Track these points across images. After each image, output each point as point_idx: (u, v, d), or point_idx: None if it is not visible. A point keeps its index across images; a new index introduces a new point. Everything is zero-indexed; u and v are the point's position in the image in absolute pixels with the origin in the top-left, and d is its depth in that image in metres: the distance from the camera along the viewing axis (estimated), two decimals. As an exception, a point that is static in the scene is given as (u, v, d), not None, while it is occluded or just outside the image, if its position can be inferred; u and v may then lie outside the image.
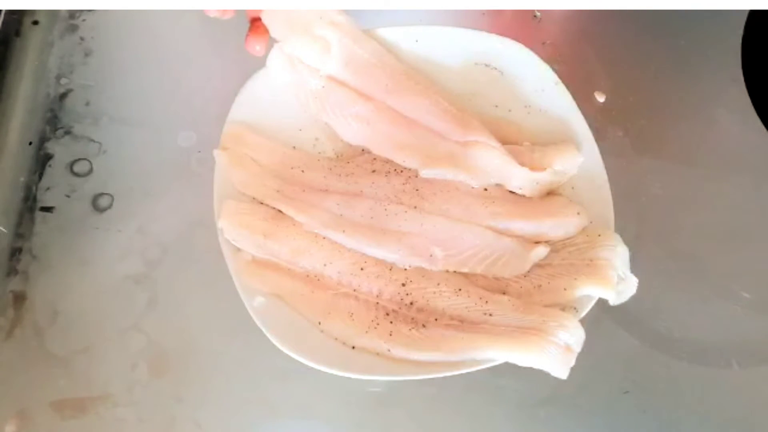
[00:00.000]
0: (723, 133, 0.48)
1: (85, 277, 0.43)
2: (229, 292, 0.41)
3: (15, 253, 0.44)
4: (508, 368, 0.37)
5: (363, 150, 0.45)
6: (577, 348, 0.37)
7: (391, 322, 0.39)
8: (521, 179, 0.42)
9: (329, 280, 0.40)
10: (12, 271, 0.43)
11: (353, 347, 0.38)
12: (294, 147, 0.45)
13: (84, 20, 0.51)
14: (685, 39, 0.52)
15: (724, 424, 0.41)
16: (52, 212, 0.45)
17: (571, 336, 0.37)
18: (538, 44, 0.49)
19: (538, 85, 0.46)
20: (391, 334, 0.38)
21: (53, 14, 0.52)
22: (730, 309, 0.43)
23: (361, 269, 0.40)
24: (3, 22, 0.49)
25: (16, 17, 0.51)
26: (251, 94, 0.45)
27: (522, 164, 0.42)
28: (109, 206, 0.45)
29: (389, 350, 0.38)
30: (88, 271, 0.43)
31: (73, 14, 0.52)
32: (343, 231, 0.41)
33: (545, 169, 0.42)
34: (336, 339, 0.39)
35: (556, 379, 0.36)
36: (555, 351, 0.36)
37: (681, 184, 0.46)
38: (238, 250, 0.40)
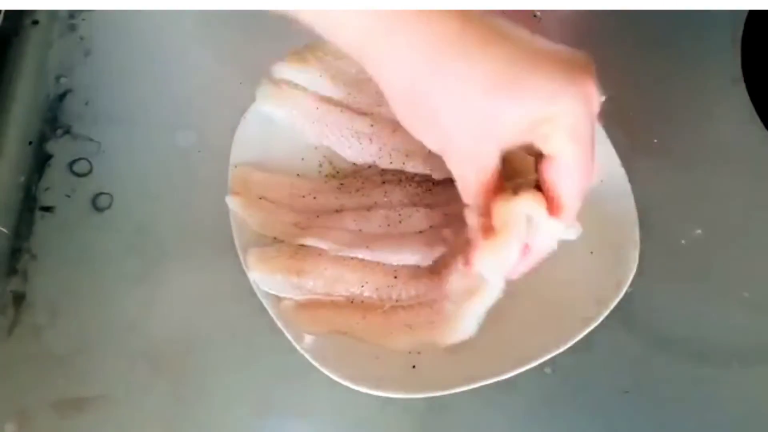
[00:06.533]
0: (723, 133, 0.48)
1: (84, 277, 0.43)
2: (229, 292, 0.41)
3: (15, 253, 0.44)
4: (509, 368, 0.37)
5: (370, 166, 0.44)
6: None
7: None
8: None
9: (372, 300, 0.40)
10: (12, 271, 0.43)
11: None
12: (298, 175, 0.44)
13: (84, 20, 0.51)
14: (685, 39, 0.51)
15: (725, 424, 0.41)
16: (52, 212, 0.45)
17: None
18: (538, 44, 0.49)
19: None
20: None
21: (53, 14, 0.52)
22: (730, 309, 0.43)
23: (395, 278, 0.40)
24: (3, 22, 0.49)
25: (16, 17, 0.51)
26: (247, 133, 0.45)
27: None
28: (109, 206, 0.45)
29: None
30: (88, 271, 0.43)
31: (73, 14, 0.52)
32: (367, 246, 0.41)
33: None
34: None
35: (556, 379, 0.36)
36: None
37: (681, 184, 0.46)
38: (279, 298, 0.40)
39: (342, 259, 0.41)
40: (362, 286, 0.40)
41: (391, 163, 0.43)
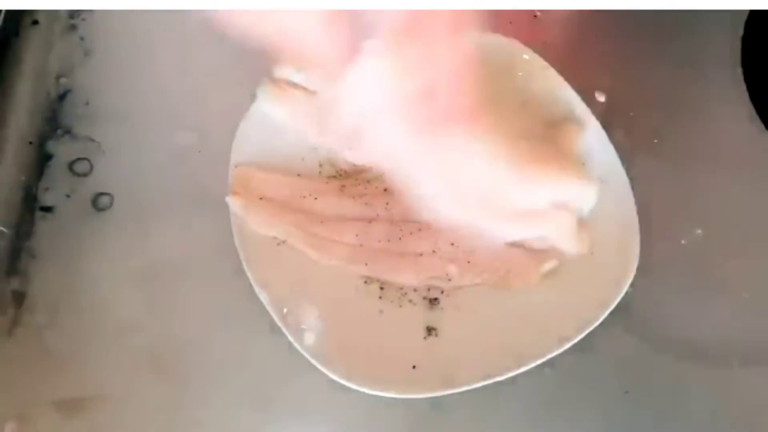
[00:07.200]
0: (723, 133, 0.48)
1: (85, 276, 0.43)
2: (230, 292, 0.41)
3: (15, 252, 0.44)
4: (509, 368, 0.37)
5: (370, 167, 0.44)
6: None
7: None
8: None
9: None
10: (12, 271, 0.43)
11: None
12: (299, 175, 0.44)
13: (84, 20, 0.51)
14: (685, 39, 0.52)
15: (725, 424, 0.41)
16: (52, 212, 0.45)
17: None
18: (538, 44, 0.49)
19: (541, 84, 0.46)
20: None
21: (53, 14, 0.52)
22: (730, 309, 0.43)
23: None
24: (3, 22, 0.49)
25: (16, 17, 0.51)
26: (248, 133, 0.45)
27: None
28: (109, 206, 0.45)
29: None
30: (88, 270, 0.43)
31: (73, 14, 0.52)
32: (365, 264, 0.41)
33: None
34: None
35: (555, 378, 0.36)
36: None
37: (681, 184, 0.46)
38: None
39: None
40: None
41: (390, 164, 0.43)
